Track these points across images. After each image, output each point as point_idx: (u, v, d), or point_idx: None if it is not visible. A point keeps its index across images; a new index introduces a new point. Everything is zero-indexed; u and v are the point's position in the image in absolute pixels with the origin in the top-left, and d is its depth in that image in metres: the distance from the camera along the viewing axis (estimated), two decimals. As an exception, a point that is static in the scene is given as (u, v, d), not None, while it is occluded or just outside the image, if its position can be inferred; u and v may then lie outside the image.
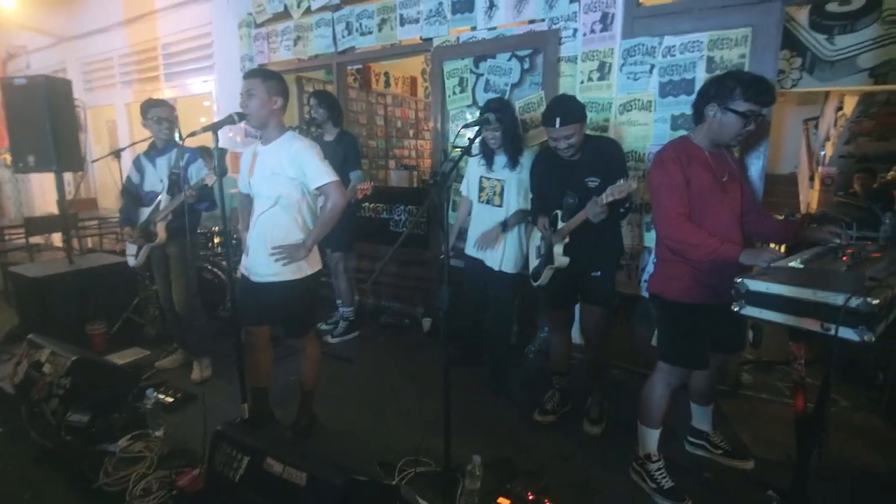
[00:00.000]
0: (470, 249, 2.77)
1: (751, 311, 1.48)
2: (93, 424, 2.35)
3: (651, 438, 2.02)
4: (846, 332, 1.29)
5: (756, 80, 1.68)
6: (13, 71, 7.03)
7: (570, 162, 2.27)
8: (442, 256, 1.85)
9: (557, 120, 2.12)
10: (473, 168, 2.76)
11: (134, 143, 3.58)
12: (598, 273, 2.35)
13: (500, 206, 2.62)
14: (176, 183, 2.80)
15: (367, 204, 4.06)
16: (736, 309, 1.50)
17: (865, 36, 4.29)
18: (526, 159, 2.55)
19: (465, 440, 2.23)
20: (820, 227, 1.77)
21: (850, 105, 5.66)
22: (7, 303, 4.43)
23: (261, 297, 2.17)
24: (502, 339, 2.86)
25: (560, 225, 2.28)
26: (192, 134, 1.97)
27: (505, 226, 2.60)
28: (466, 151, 1.90)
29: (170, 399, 2.68)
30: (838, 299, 1.29)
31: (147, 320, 3.65)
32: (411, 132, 6.86)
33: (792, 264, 1.56)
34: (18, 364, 2.63)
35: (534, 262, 2.52)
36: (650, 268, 2.91)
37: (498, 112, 2.40)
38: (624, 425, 2.43)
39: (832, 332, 1.31)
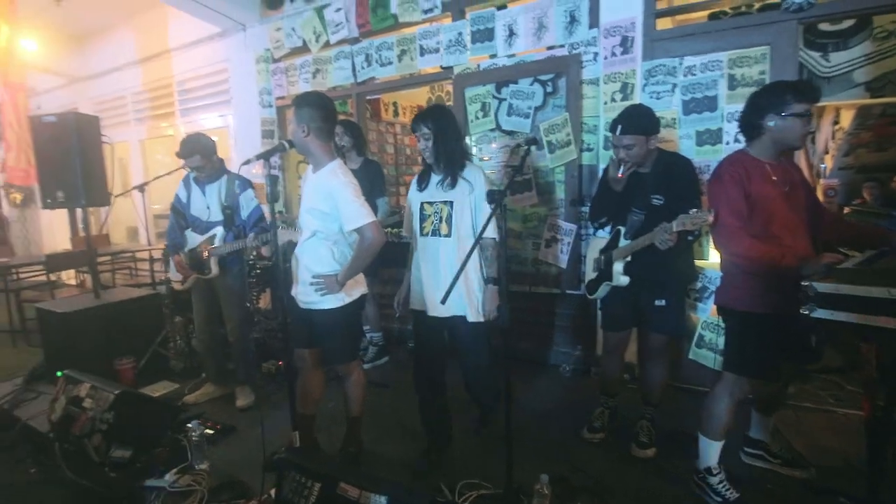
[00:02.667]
0: (418, 302, 2.25)
1: (821, 313, 1.50)
2: (136, 459, 2.30)
3: (713, 451, 1.99)
4: (923, 328, 1.32)
5: (800, 83, 1.77)
6: (23, 112, 7.11)
7: (638, 176, 2.18)
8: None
9: (619, 128, 2.10)
10: (412, 196, 2.30)
11: (158, 177, 3.64)
12: (663, 302, 2.21)
13: (448, 235, 2.13)
14: (231, 218, 2.83)
15: (389, 229, 4.08)
16: (806, 312, 1.52)
17: (859, 52, 4.47)
18: (473, 177, 2.11)
19: (517, 461, 2.20)
20: None
21: (846, 119, 5.84)
22: (26, 342, 4.38)
23: (308, 321, 2.18)
24: (490, 391, 2.40)
25: (623, 242, 2.23)
26: (247, 162, 2.00)
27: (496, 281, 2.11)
28: (518, 170, 1.93)
29: (210, 431, 2.63)
30: (913, 296, 1.32)
31: (173, 353, 3.61)
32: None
33: (854, 266, 1.59)
34: (55, 400, 2.58)
35: (591, 275, 2.46)
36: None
37: (429, 120, 2.11)
38: (672, 439, 2.41)
39: (911, 329, 1.33)
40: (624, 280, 2.22)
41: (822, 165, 6.74)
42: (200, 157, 2.79)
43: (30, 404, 3.00)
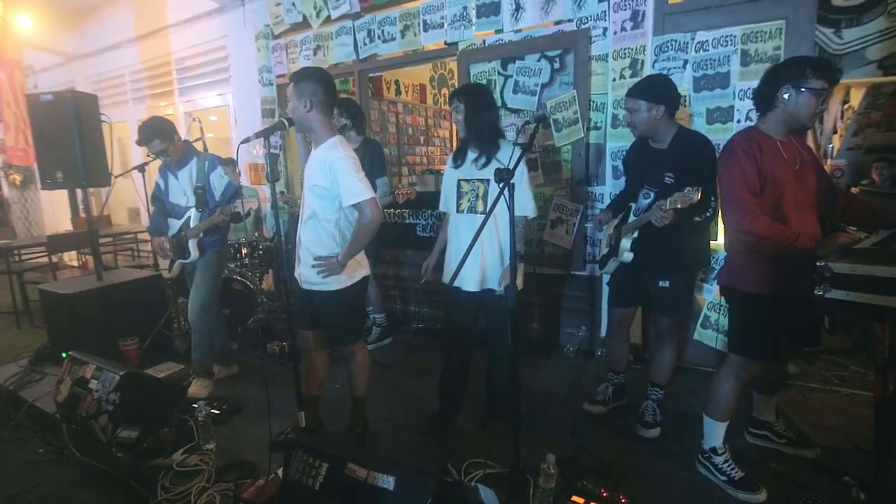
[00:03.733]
0: (462, 280, 2.20)
1: (836, 293, 1.47)
2: (143, 440, 2.31)
3: (718, 431, 2.00)
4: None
5: (822, 59, 1.71)
6: (19, 91, 7.00)
7: (655, 152, 2.22)
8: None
9: (629, 91, 2.19)
10: (448, 174, 2.34)
11: (156, 157, 3.58)
12: (667, 283, 2.21)
13: (483, 212, 2.14)
14: (203, 198, 2.78)
15: (390, 210, 4.05)
16: (820, 293, 1.49)
17: (872, 28, 4.34)
18: (504, 156, 2.08)
19: (524, 441, 2.21)
20: None
21: (856, 98, 5.74)
22: (30, 323, 4.39)
23: (311, 302, 2.16)
24: (507, 367, 2.25)
25: (632, 218, 2.27)
26: (246, 140, 1.95)
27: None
28: (527, 148, 1.89)
29: (216, 411, 2.64)
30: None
31: (176, 334, 3.62)
32: (422, 139, 6.88)
33: (871, 246, 1.56)
34: (60, 382, 2.58)
35: (604, 250, 2.52)
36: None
37: (462, 94, 2.19)
38: (680, 419, 2.42)
39: (929, 309, 1.31)
40: (628, 256, 2.25)
41: (830, 146, 6.65)
42: (160, 140, 2.73)
43: (35, 385, 3.02)
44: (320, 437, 1.88)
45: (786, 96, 1.72)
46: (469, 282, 2.17)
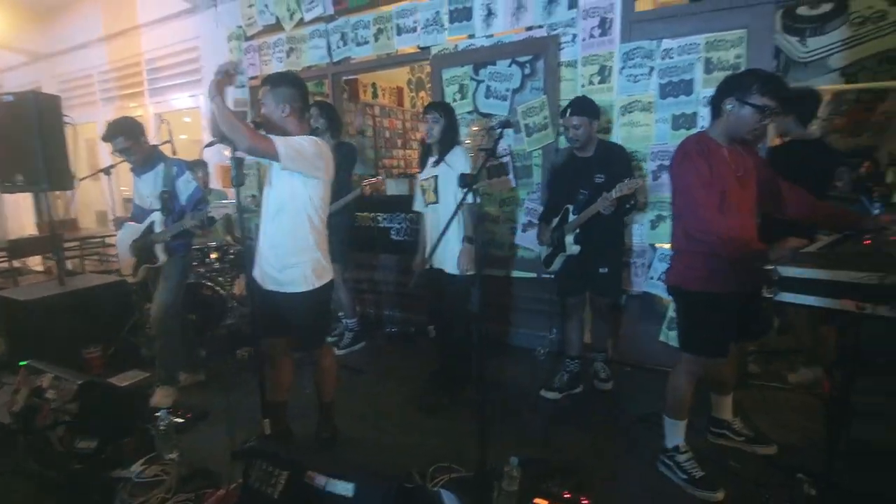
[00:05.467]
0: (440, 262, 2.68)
1: (785, 296, 1.52)
2: (102, 450, 2.24)
3: (678, 430, 2.04)
4: (881, 310, 1.34)
5: (773, 78, 1.75)
6: (-18, 91, 6.79)
7: (582, 160, 2.60)
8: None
9: (569, 111, 2.54)
10: (418, 179, 2.86)
11: (122, 161, 3.49)
12: (606, 269, 2.63)
13: (435, 202, 2.67)
14: (169, 202, 2.72)
15: (364, 213, 4.03)
16: (770, 295, 1.54)
17: (835, 38, 4.52)
18: (454, 159, 2.60)
19: (491, 443, 2.21)
20: (876, 215, 1.82)
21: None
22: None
23: (275, 307, 2.12)
24: (458, 347, 2.75)
25: (572, 218, 2.60)
26: (210, 144, 1.93)
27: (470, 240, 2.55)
28: (491, 153, 1.91)
29: (180, 420, 2.58)
30: (872, 278, 1.34)
31: (142, 342, 3.53)
32: (399, 142, 6.86)
33: (818, 250, 1.61)
34: (16, 392, 2.50)
35: (546, 251, 2.81)
36: (657, 265, 2.97)
37: (441, 109, 2.66)
38: (645, 420, 2.45)
39: (868, 311, 1.36)
40: (575, 249, 2.61)
41: (797, 150, 6.86)
42: (124, 138, 2.67)
43: (-6, 395, 2.92)
44: (281, 445, 1.85)
45: (729, 107, 1.77)
46: (434, 261, 2.62)
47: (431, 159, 2.71)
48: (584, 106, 2.52)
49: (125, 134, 2.68)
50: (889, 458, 2.15)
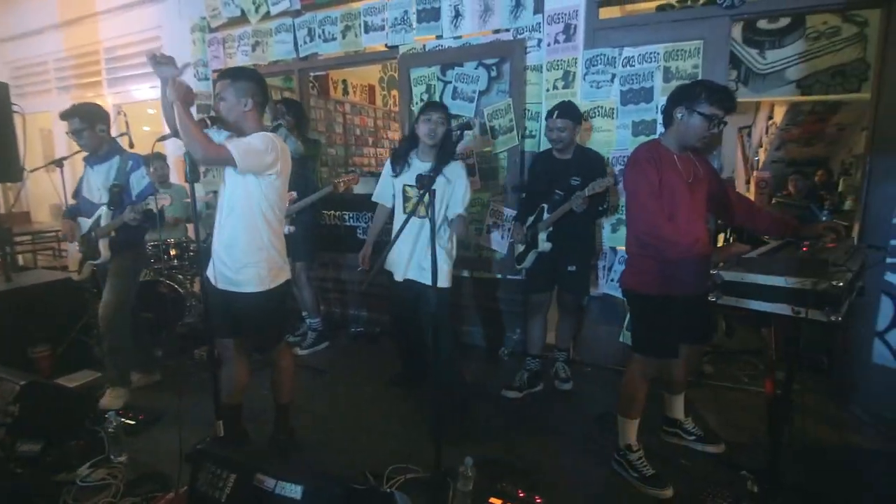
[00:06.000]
0: (395, 269, 2.59)
1: (727, 300, 1.58)
2: (47, 453, 2.16)
3: (630, 429, 2.09)
4: (815, 314, 1.41)
5: (720, 88, 1.81)
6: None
7: (561, 162, 2.71)
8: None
9: (556, 112, 2.61)
10: (390, 179, 2.65)
11: (76, 153, 3.36)
12: (574, 268, 2.72)
13: (425, 216, 2.40)
14: (118, 196, 2.62)
15: (331, 212, 3.99)
16: (713, 299, 1.59)
17: (792, 51, 4.71)
18: (454, 174, 2.45)
19: (452, 444, 2.23)
20: (815, 224, 1.91)
21: (779, 114, 6.17)
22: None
23: (229, 307, 2.07)
24: (452, 364, 2.63)
25: (546, 216, 2.69)
26: (163, 137, 1.87)
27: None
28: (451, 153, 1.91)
29: (131, 422, 2.51)
30: (807, 283, 1.41)
31: (96, 340, 3.40)
32: (370, 140, 6.81)
33: (759, 256, 1.68)
34: (-46, 393, 2.37)
35: (519, 249, 2.88)
36: (617, 267, 3.04)
37: (446, 111, 2.51)
38: (603, 420, 2.51)
39: (803, 315, 1.42)
40: (546, 246, 2.71)
41: (756, 158, 7.12)
42: (79, 120, 2.57)
43: (-70, 396, 2.76)
44: (232, 448, 1.81)
45: (679, 115, 1.84)
46: (408, 274, 2.53)
47: (418, 162, 2.52)
48: (569, 110, 2.62)
49: (81, 116, 2.58)
50: (831, 455, 2.27)
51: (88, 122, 2.60)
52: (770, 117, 6.56)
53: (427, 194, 1.81)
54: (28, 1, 5.50)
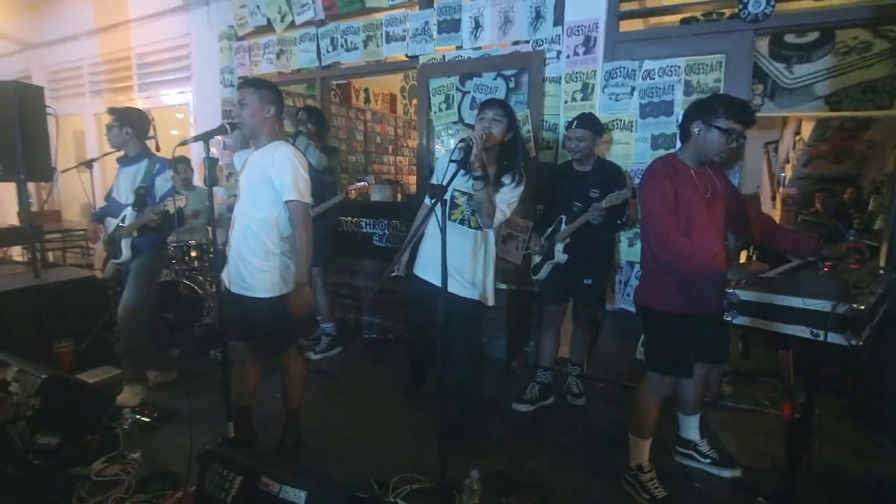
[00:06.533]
0: (422, 270, 2.38)
1: (742, 320, 1.54)
2: (63, 447, 2.21)
3: (642, 449, 2.05)
4: (835, 338, 1.36)
5: (738, 102, 1.78)
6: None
7: (580, 174, 2.68)
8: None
9: (575, 122, 2.61)
10: (444, 160, 2.23)
11: (106, 154, 3.47)
12: (590, 281, 2.69)
13: (476, 228, 2.24)
14: (143, 199, 2.71)
15: (348, 218, 4.03)
16: (729, 318, 1.56)
17: (821, 66, 4.60)
18: (515, 186, 2.17)
19: (460, 455, 2.21)
20: (838, 243, 1.84)
21: (807, 130, 6.02)
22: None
23: (241, 310, 2.11)
24: (470, 383, 2.41)
25: (563, 228, 2.66)
26: (185, 142, 1.93)
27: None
28: (463, 165, 1.91)
29: (146, 419, 2.55)
30: (826, 306, 1.36)
31: (116, 337, 3.49)
32: (390, 148, 6.88)
33: (776, 276, 1.63)
34: (-21, 384, 2.46)
35: (536, 260, 2.83)
36: (634, 282, 2.99)
37: (506, 108, 2.19)
38: (614, 437, 2.46)
39: (821, 338, 1.38)
40: (562, 257, 2.67)
41: (783, 174, 6.95)
42: (114, 118, 2.74)
43: (-41, 387, 2.86)
44: (241, 450, 1.83)
45: (696, 130, 1.81)
46: (455, 287, 2.21)
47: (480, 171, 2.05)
48: (589, 120, 2.61)
49: (116, 115, 2.77)
50: (852, 484, 2.18)
51: (119, 121, 2.75)
52: (797, 132, 6.41)
53: (443, 204, 1.76)
54: (66, 9, 5.74)
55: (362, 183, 3.40)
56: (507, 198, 2.15)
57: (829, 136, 5.93)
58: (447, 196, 2.19)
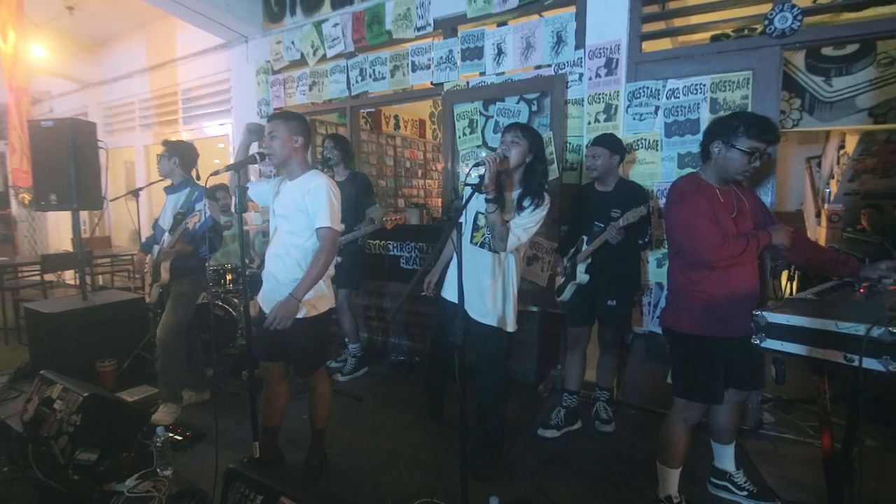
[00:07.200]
0: (446, 291, 2.41)
1: (771, 343, 1.48)
2: (101, 463, 2.30)
3: (671, 479, 1.96)
4: (870, 363, 1.29)
5: (759, 120, 1.74)
6: (37, 115, 7.32)
7: (602, 194, 2.67)
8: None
9: (591, 140, 2.68)
10: (473, 200, 2.22)
11: (151, 184, 3.70)
12: (614, 302, 2.65)
13: (495, 251, 2.20)
14: (180, 223, 2.85)
15: (376, 241, 4.11)
16: (756, 342, 1.49)
17: (862, 78, 4.43)
18: (538, 211, 2.12)
19: (483, 481, 2.18)
20: (878, 263, 1.75)
21: (851, 144, 5.77)
22: (18, 340, 4.46)
23: (274, 331, 2.17)
24: (493, 407, 2.37)
25: (584, 248, 2.64)
26: (216, 172, 2.04)
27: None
28: (477, 189, 1.94)
29: (179, 438, 2.64)
30: (860, 329, 1.29)
31: (155, 358, 3.64)
32: (420, 172, 7.02)
33: (809, 297, 1.56)
34: (28, 401, 2.61)
35: (560, 282, 2.81)
36: (663, 303, 2.91)
37: (528, 131, 2.17)
38: (644, 466, 2.37)
39: (856, 363, 1.30)
40: (584, 278, 2.64)
41: (828, 190, 6.64)
42: (166, 148, 2.93)
43: (10, 403, 3.05)
44: (262, 470, 1.86)
45: (716, 150, 1.77)
46: (472, 310, 2.24)
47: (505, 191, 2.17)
48: (604, 139, 2.62)
49: (168, 146, 2.97)
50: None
51: (169, 152, 2.96)
52: (841, 146, 6.15)
53: (456, 225, 1.76)
54: (120, 49, 6.22)
55: (401, 214, 3.46)
56: (525, 222, 2.10)
57: (875, 150, 5.66)
58: (470, 218, 2.32)
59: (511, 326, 2.29)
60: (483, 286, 2.23)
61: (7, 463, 2.50)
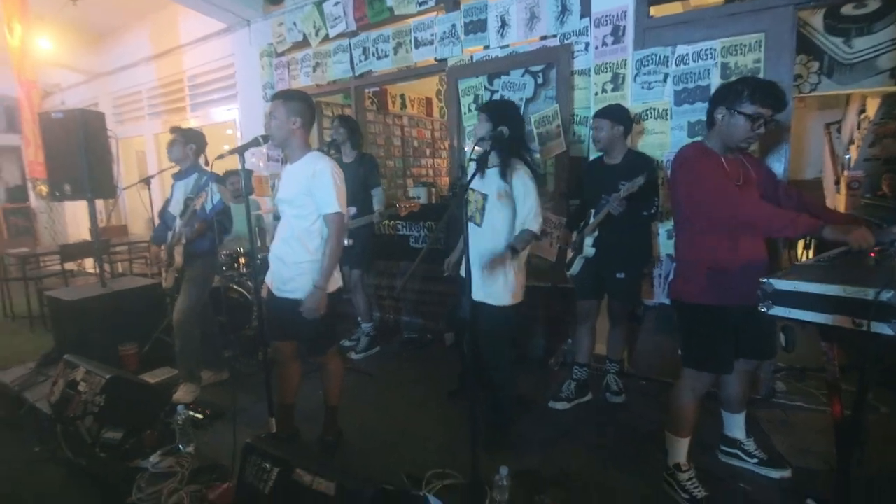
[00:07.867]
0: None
1: (778, 310, 1.46)
2: (126, 441, 2.40)
3: (680, 447, 1.97)
4: (880, 327, 1.27)
5: (765, 84, 1.69)
6: (49, 108, 7.42)
7: (609, 167, 2.64)
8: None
9: (595, 112, 2.65)
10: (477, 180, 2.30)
11: (162, 171, 3.75)
12: (622, 275, 2.63)
13: (479, 225, 2.28)
14: (189, 207, 2.90)
15: (385, 222, 4.12)
16: (764, 309, 1.48)
17: (884, 37, 4.23)
18: (518, 180, 2.20)
19: (495, 453, 2.22)
20: (890, 227, 1.69)
21: (872, 107, 5.57)
22: (43, 326, 4.61)
23: (284, 312, 2.21)
24: (501, 381, 2.42)
25: (591, 220, 2.63)
26: (221, 156, 2.05)
27: (514, 251, 2.23)
28: (482, 165, 1.93)
29: (199, 416, 2.73)
30: (869, 293, 1.27)
31: (174, 340, 3.74)
32: (428, 151, 6.97)
33: (817, 262, 1.54)
34: (55, 384, 2.72)
35: (570, 255, 2.81)
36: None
37: (492, 109, 2.25)
38: (654, 436, 2.38)
39: (864, 328, 1.29)
40: (591, 251, 2.64)
41: (847, 156, 6.45)
42: (178, 134, 2.97)
43: (38, 387, 3.16)
44: (278, 444, 1.93)
45: (719, 116, 1.73)
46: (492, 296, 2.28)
47: (490, 169, 2.25)
48: (607, 110, 2.58)
49: (180, 132, 3.01)
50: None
51: (183, 138, 2.99)
52: (862, 111, 5.94)
53: (464, 203, 1.80)
54: (126, 39, 6.24)
55: (414, 200, 3.44)
56: (525, 211, 2.20)
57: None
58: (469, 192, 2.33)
59: (499, 301, 2.27)
60: (476, 264, 2.23)
61: (38, 444, 2.62)
